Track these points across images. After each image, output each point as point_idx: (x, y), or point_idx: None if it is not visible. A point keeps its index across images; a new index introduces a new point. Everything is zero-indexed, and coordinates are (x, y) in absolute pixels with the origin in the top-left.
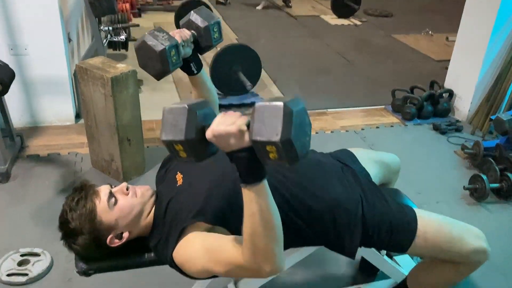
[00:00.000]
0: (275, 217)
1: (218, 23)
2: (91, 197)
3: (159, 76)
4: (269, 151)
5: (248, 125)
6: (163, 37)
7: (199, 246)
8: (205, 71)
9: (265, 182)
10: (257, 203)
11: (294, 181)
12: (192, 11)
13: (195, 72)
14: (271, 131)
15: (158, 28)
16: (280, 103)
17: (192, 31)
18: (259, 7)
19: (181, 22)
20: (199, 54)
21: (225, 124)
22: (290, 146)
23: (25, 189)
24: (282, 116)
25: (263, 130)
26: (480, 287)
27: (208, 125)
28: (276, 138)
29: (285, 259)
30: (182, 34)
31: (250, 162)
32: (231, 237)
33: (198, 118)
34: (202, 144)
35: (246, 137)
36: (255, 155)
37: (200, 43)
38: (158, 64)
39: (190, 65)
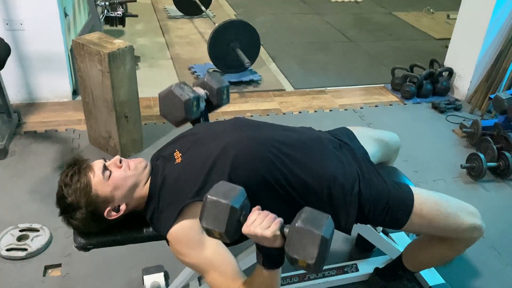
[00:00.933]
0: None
1: (227, 87)
2: (84, 171)
3: (179, 123)
4: (300, 264)
5: (281, 229)
6: (188, 89)
7: (198, 237)
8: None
9: (280, 269)
10: (268, 282)
11: (292, 156)
12: (206, 73)
13: None
14: (307, 254)
15: (183, 82)
16: (319, 234)
17: (206, 91)
18: None
19: (195, 83)
20: (208, 112)
21: (261, 227)
22: (320, 265)
23: (23, 165)
24: (319, 245)
25: (300, 250)
26: (475, 264)
27: (244, 215)
28: (311, 261)
29: None
30: (199, 91)
31: (276, 257)
32: (230, 261)
33: (237, 212)
34: (238, 233)
35: (279, 241)
36: (282, 254)
37: (212, 101)
38: (181, 112)
39: (201, 120)
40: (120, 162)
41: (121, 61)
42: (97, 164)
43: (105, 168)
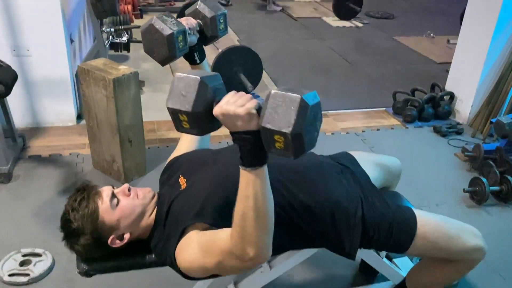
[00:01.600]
0: (269, 204)
1: (225, 15)
2: (93, 197)
3: (164, 61)
4: (276, 140)
5: (257, 109)
6: (171, 22)
7: (195, 244)
8: (208, 62)
9: (265, 168)
10: (253, 187)
11: (295, 181)
12: (199, 1)
13: (198, 61)
14: (283, 121)
15: (166, 13)
16: (297, 96)
17: (198, 20)
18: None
19: (187, 11)
20: (203, 45)
21: (234, 105)
22: (299, 140)
23: (27, 189)
24: (297, 108)
25: (275, 118)
26: None
27: (217, 101)
28: (287, 129)
29: (270, 249)
30: (189, 22)
31: (253, 145)
32: (223, 229)
33: (208, 92)
34: (207, 118)
35: (254, 121)
36: (260, 140)
37: (206, 33)
38: (164, 48)
39: (194, 54)
40: (129, 191)
41: (126, 86)
42: (106, 191)
43: (113, 196)
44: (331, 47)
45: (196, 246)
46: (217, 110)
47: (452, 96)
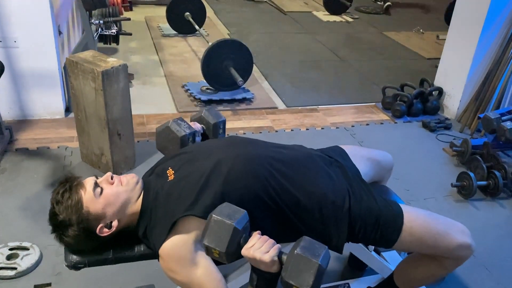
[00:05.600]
0: None
1: (224, 122)
2: (75, 188)
3: None
4: None
5: (279, 256)
6: (184, 125)
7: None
8: (198, 56)
9: None
10: None
11: (284, 173)
12: (204, 109)
13: None
14: (303, 280)
15: (180, 118)
16: (316, 262)
17: (202, 125)
18: None
19: (193, 117)
20: None
21: (260, 252)
22: None
23: (14, 182)
24: (315, 272)
25: (296, 276)
26: (466, 282)
27: (245, 238)
28: (306, 287)
29: None
30: (196, 126)
31: (270, 282)
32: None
33: (239, 234)
34: (236, 253)
35: (276, 266)
36: (276, 279)
37: (207, 135)
38: (177, 146)
39: None
40: (112, 179)
41: (115, 79)
42: (89, 181)
43: (96, 185)
44: (321, 42)
45: (190, 259)
46: (245, 252)
47: (440, 91)
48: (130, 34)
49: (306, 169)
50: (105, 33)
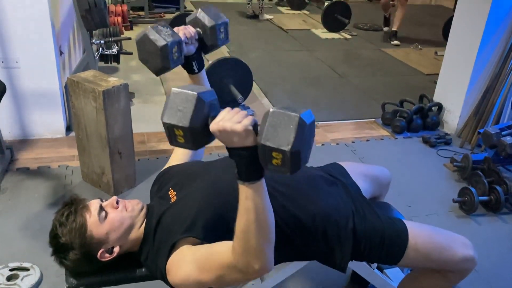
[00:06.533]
0: (270, 216)
1: (226, 24)
2: (81, 211)
3: (158, 72)
4: (274, 157)
5: (253, 126)
6: (166, 32)
7: (189, 260)
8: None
9: (262, 181)
10: (253, 200)
11: (286, 195)
12: (200, 9)
13: (196, 71)
14: (282, 139)
15: (162, 23)
16: (296, 115)
17: (198, 29)
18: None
19: (188, 18)
20: (203, 53)
21: (231, 121)
22: (297, 157)
23: (15, 202)
24: (296, 127)
25: (274, 136)
26: None
27: (212, 116)
28: (287, 147)
29: (273, 260)
30: (187, 31)
31: (250, 160)
32: (220, 242)
33: (205, 107)
34: (203, 133)
35: (251, 137)
36: (256, 155)
37: (205, 42)
38: (158, 60)
39: (192, 63)
40: (117, 203)
41: (116, 98)
42: (94, 205)
43: (101, 209)
44: (320, 59)
45: (190, 261)
46: (213, 126)
47: (440, 107)
48: (131, 53)
49: (307, 189)
50: (106, 52)
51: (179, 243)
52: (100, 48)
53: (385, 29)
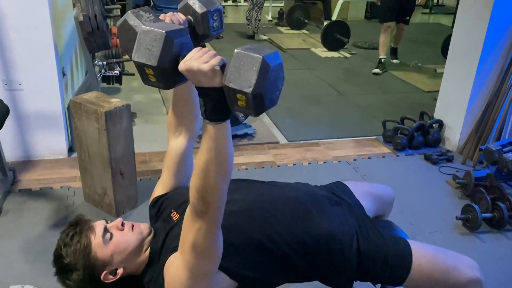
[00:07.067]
0: (230, 156)
1: (219, 11)
2: (86, 232)
3: None
4: (238, 98)
5: (221, 66)
6: (147, 18)
7: (177, 261)
8: None
9: (227, 122)
10: (217, 140)
11: (289, 216)
12: None
13: None
14: (245, 81)
15: (145, 7)
16: (259, 56)
17: (189, 16)
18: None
19: (179, 6)
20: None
21: (198, 61)
22: (260, 100)
23: (17, 224)
24: (258, 69)
25: (237, 78)
26: None
27: (183, 56)
28: (248, 89)
29: (226, 194)
30: (174, 18)
31: (217, 101)
32: None
33: (174, 47)
34: (173, 73)
35: (218, 78)
36: (223, 96)
37: (197, 31)
38: None
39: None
40: (122, 225)
41: (118, 119)
42: (98, 226)
43: (106, 230)
44: (320, 77)
45: (177, 261)
46: (181, 65)
47: (441, 124)
48: (133, 74)
49: (312, 210)
50: (108, 74)
51: (169, 260)
52: (103, 70)
53: (375, 70)
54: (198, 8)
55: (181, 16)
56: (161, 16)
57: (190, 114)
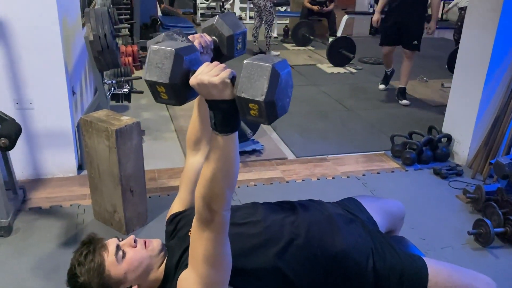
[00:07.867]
0: (236, 166)
1: (244, 33)
2: (99, 251)
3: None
4: (251, 108)
5: (231, 79)
6: (181, 41)
7: (191, 274)
8: None
9: (235, 133)
10: (225, 151)
11: (304, 238)
12: (217, 16)
13: None
14: (256, 90)
15: (177, 30)
16: (269, 65)
17: (214, 37)
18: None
19: (203, 25)
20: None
21: (209, 75)
22: (272, 107)
23: (27, 242)
24: (269, 77)
25: (248, 88)
26: None
27: (193, 71)
28: (261, 98)
29: (230, 203)
30: (202, 40)
31: (227, 113)
32: None
33: (184, 63)
34: (184, 89)
35: (229, 90)
36: (234, 108)
37: (222, 51)
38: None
39: None
40: (135, 242)
41: (128, 136)
42: (111, 244)
43: (118, 248)
44: (327, 93)
45: (190, 272)
46: (192, 80)
47: (449, 138)
48: (142, 92)
49: (327, 230)
50: (118, 92)
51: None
52: (112, 88)
53: (381, 86)
54: (226, 31)
55: (207, 38)
56: (190, 37)
57: (210, 132)
